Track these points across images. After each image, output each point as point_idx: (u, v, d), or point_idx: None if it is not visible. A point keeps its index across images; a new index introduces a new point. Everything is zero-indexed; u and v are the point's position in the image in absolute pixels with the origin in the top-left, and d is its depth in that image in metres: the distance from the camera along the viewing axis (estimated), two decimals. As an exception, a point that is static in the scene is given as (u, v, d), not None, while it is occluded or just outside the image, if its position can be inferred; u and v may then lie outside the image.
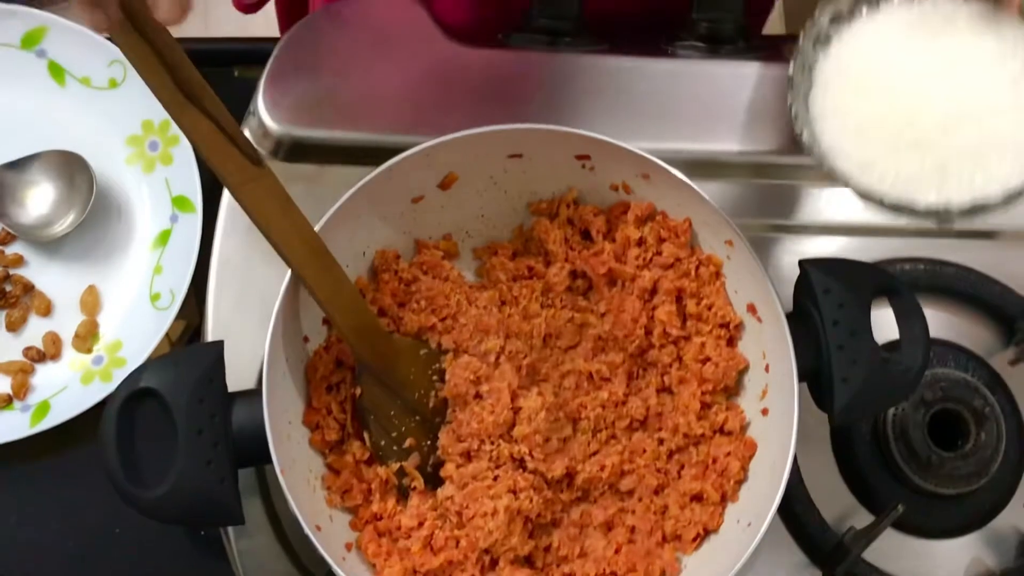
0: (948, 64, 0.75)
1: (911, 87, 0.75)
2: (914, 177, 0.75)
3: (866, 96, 0.77)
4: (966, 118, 0.73)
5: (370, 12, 0.95)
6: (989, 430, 0.91)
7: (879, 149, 0.76)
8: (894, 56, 0.77)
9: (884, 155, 0.75)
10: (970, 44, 0.75)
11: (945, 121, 0.74)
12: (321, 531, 0.76)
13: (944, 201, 0.74)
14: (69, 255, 0.96)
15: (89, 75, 0.97)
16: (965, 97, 0.74)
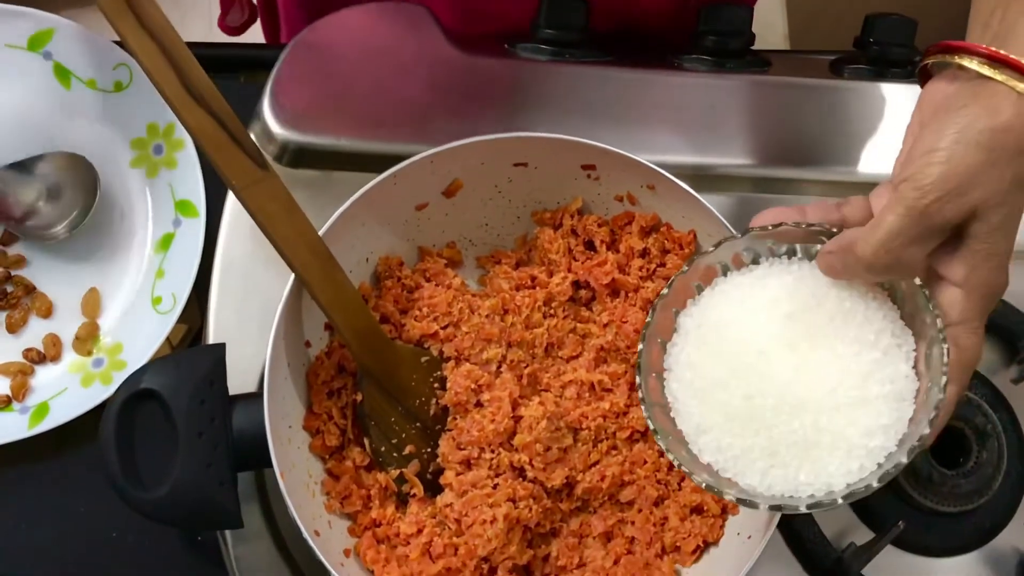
0: (804, 342, 0.67)
1: (756, 359, 0.67)
2: (743, 454, 0.68)
3: (717, 357, 0.69)
4: (803, 407, 0.65)
5: (376, 20, 0.96)
6: (991, 448, 0.90)
7: (717, 415, 0.69)
8: (752, 321, 0.69)
9: (721, 423, 0.68)
10: (833, 325, 0.67)
11: (780, 404, 0.66)
12: (320, 536, 0.76)
13: (766, 487, 0.67)
14: (71, 257, 0.95)
15: (95, 78, 0.97)
16: (809, 383, 0.66)
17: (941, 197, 0.60)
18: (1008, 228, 0.60)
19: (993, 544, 0.93)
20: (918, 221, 0.60)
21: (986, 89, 0.61)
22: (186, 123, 0.73)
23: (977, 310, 0.61)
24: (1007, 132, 0.59)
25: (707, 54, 1.00)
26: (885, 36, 1.01)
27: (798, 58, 1.21)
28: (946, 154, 0.60)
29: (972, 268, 0.60)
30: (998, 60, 0.61)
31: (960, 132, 0.60)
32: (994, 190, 0.59)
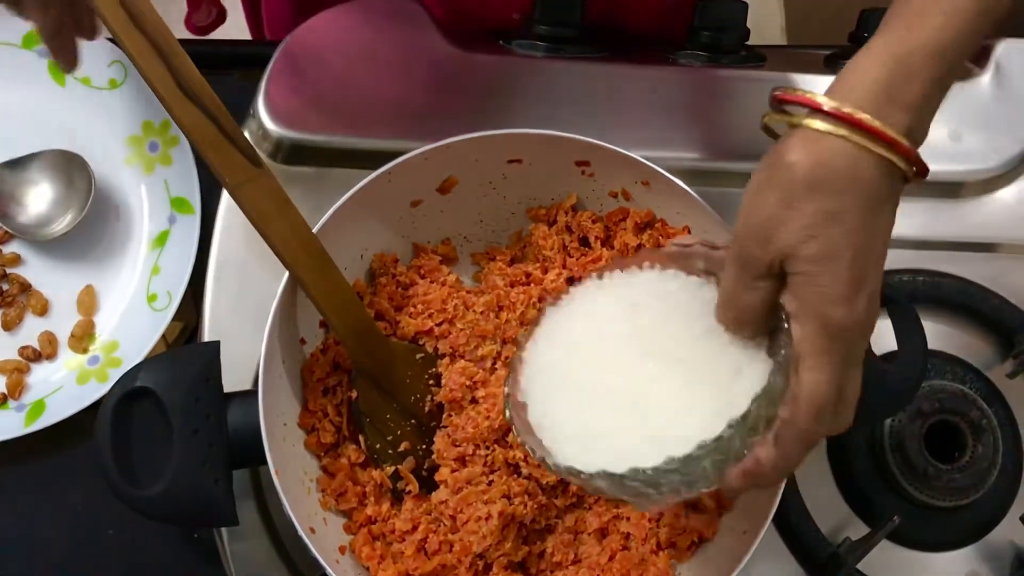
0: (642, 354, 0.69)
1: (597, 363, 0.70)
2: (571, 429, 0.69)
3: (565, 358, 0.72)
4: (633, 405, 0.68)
5: (371, 16, 0.95)
6: (986, 443, 0.91)
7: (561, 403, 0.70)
8: (596, 329, 0.72)
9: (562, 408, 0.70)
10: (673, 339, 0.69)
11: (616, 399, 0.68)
12: (315, 534, 0.76)
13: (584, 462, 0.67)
14: (67, 255, 0.95)
15: (89, 75, 0.97)
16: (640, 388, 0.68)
17: (749, 243, 0.62)
18: (828, 262, 0.59)
19: (988, 538, 0.93)
20: (740, 270, 0.63)
21: (797, 135, 0.61)
22: (179, 121, 0.72)
23: (814, 345, 0.60)
24: (792, 169, 0.60)
25: (702, 49, 1.00)
26: (880, 31, 1.01)
27: (793, 53, 1.21)
28: (748, 200, 0.62)
29: (799, 301, 0.61)
30: (784, 101, 0.63)
31: (755, 177, 0.62)
32: (797, 226, 0.59)
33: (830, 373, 0.60)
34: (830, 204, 0.59)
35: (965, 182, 1.00)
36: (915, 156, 0.60)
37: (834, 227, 0.59)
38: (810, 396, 0.61)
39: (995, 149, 1.00)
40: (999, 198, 1.00)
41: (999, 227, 1.00)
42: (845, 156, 0.59)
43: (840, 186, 0.59)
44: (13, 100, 0.97)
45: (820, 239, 0.59)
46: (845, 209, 0.59)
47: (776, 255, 0.61)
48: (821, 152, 0.59)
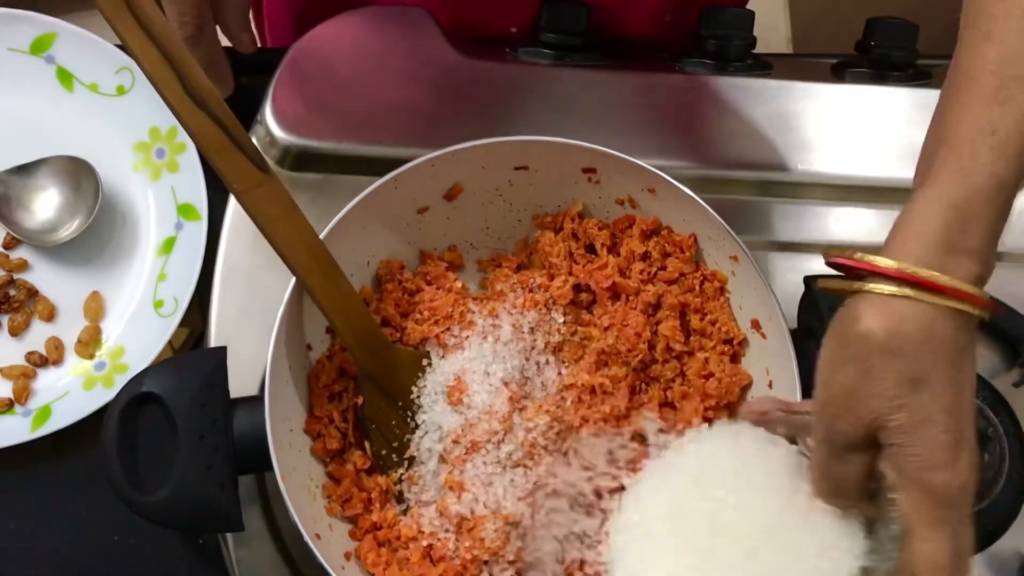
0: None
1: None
2: None
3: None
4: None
5: (377, 23, 0.96)
6: (992, 451, 0.90)
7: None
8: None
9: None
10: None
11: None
12: (320, 540, 0.76)
13: None
14: (74, 261, 0.96)
15: (97, 81, 0.97)
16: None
17: (835, 417, 0.60)
18: (921, 428, 0.58)
19: (995, 548, 0.92)
20: (828, 444, 0.62)
21: (861, 300, 0.60)
22: (187, 126, 0.73)
23: (924, 515, 0.59)
24: (866, 339, 0.58)
25: (708, 57, 1.00)
26: (886, 40, 1.01)
27: (799, 61, 1.21)
28: (825, 374, 0.61)
29: (901, 472, 0.59)
30: (842, 267, 0.61)
31: (828, 347, 0.61)
32: (882, 398, 0.58)
33: (946, 542, 0.59)
34: (912, 369, 0.58)
35: (971, 191, 1.00)
36: (986, 302, 0.59)
37: (920, 392, 0.58)
38: (929, 568, 0.59)
39: (1001, 158, 1.00)
40: (1005, 207, 1.00)
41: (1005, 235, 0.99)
42: (918, 318, 0.57)
43: (918, 349, 0.58)
44: (21, 106, 0.97)
45: (909, 407, 0.58)
46: (928, 371, 0.58)
47: (865, 428, 0.59)
48: (893, 317, 0.58)
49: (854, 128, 0.98)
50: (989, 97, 0.59)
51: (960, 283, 0.57)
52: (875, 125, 0.98)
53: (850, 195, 0.96)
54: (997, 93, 0.59)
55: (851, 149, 0.97)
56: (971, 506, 0.60)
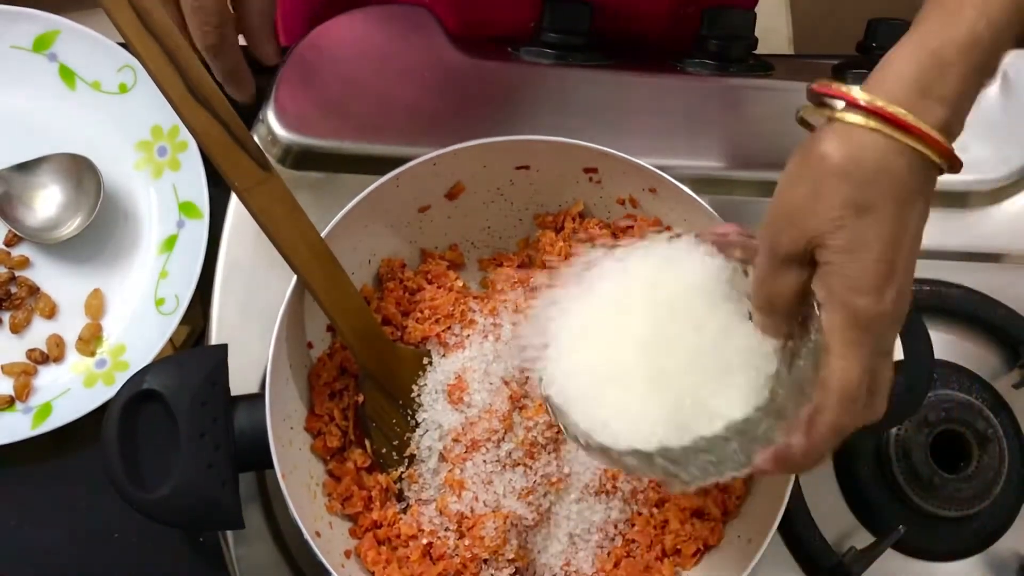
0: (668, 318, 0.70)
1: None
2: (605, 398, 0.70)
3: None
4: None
5: (380, 22, 0.96)
6: (992, 453, 0.91)
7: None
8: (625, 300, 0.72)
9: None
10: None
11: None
12: (320, 538, 0.76)
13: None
14: (75, 258, 0.96)
15: (99, 79, 0.97)
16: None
17: (779, 230, 0.62)
18: (857, 252, 0.60)
19: (994, 549, 0.93)
20: (770, 256, 0.64)
21: (830, 127, 0.62)
22: (189, 125, 0.73)
23: (843, 335, 0.61)
24: (823, 160, 0.60)
25: (710, 58, 1.00)
26: (888, 41, 1.00)
27: (800, 62, 1.21)
28: (780, 188, 0.63)
29: (827, 289, 0.61)
30: (821, 94, 0.63)
31: (788, 166, 0.63)
32: (825, 217, 0.60)
33: (859, 362, 0.61)
34: (859, 195, 0.60)
35: (972, 192, 1.00)
36: (948, 150, 0.60)
37: (863, 218, 0.60)
38: (839, 385, 0.61)
39: (1002, 159, 1.00)
40: (1006, 208, 1.00)
41: (1006, 237, 1.00)
42: (876, 148, 0.60)
43: (870, 177, 0.60)
44: (23, 103, 0.97)
45: (848, 229, 0.60)
46: (874, 200, 0.60)
47: (805, 243, 0.61)
48: (852, 144, 0.60)
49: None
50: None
51: (924, 125, 0.59)
52: (876, 126, 0.98)
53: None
54: None
55: (852, 150, 0.97)
56: (892, 343, 0.64)
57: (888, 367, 0.64)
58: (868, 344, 0.61)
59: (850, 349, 0.61)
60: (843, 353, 0.61)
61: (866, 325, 0.61)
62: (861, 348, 0.61)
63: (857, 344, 0.61)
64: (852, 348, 0.61)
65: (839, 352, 0.61)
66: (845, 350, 0.61)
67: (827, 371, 0.62)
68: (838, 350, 0.61)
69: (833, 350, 0.61)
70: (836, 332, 0.61)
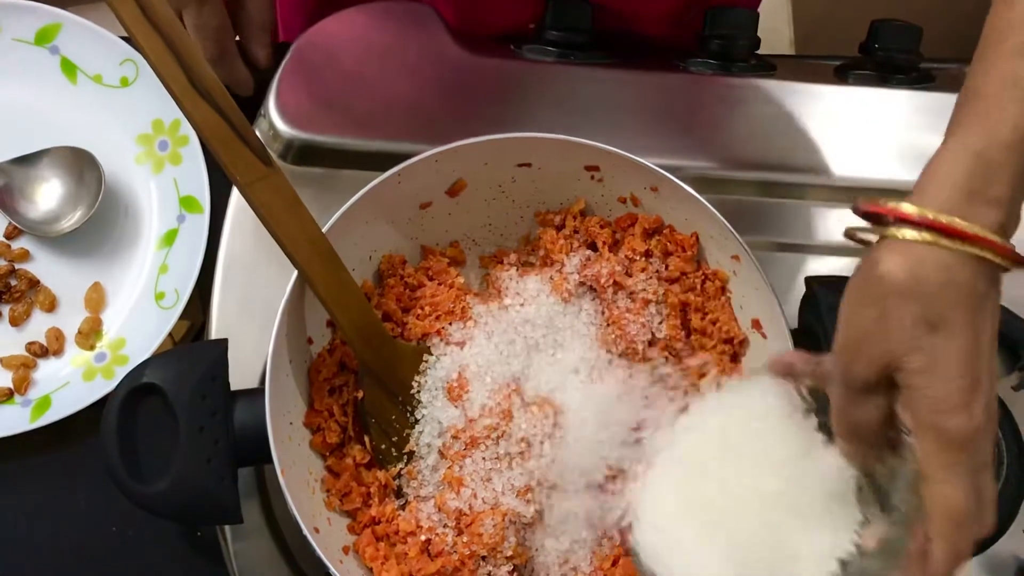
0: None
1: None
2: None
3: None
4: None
5: (382, 18, 0.96)
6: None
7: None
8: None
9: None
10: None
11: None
12: (319, 533, 0.76)
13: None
14: (75, 252, 0.96)
15: (101, 73, 0.97)
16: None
17: (851, 358, 0.61)
18: (937, 371, 0.58)
19: (992, 551, 0.92)
20: (845, 387, 0.62)
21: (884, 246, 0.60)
22: (191, 118, 0.73)
23: (937, 458, 0.59)
24: (883, 281, 0.59)
25: (712, 57, 1.00)
26: (890, 42, 1.01)
27: (803, 63, 1.21)
28: (844, 315, 0.61)
29: (915, 415, 0.59)
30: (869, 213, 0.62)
31: (849, 291, 0.61)
32: (898, 339, 0.58)
33: (962, 484, 0.59)
34: (929, 311, 0.58)
35: (973, 194, 1.00)
36: (1009, 251, 0.59)
37: (937, 334, 0.58)
38: (945, 512, 0.59)
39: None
40: (1007, 211, 1.00)
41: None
42: (937, 261, 0.58)
43: (936, 291, 0.58)
44: (25, 96, 0.97)
45: (924, 350, 0.58)
46: (945, 314, 0.58)
47: (881, 368, 0.60)
48: (912, 260, 0.58)
49: (857, 130, 0.98)
50: (1014, 52, 0.60)
51: (980, 229, 0.58)
52: (878, 127, 0.98)
53: (853, 196, 0.95)
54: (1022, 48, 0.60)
55: (854, 151, 0.97)
56: (989, 452, 0.60)
57: (989, 478, 0.61)
58: (966, 463, 0.59)
59: (950, 473, 0.59)
60: (944, 478, 0.59)
61: (961, 445, 0.58)
62: (960, 468, 0.59)
63: (956, 465, 0.59)
64: (952, 471, 0.59)
65: (940, 478, 0.59)
66: (945, 474, 0.59)
67: (931, 500, 0.59)
68: (939, 476, 0.59)
69: (933, 476, 0.59)
70: (932, 457, 0.59)
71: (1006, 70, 0.60)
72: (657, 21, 1.09)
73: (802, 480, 0.66)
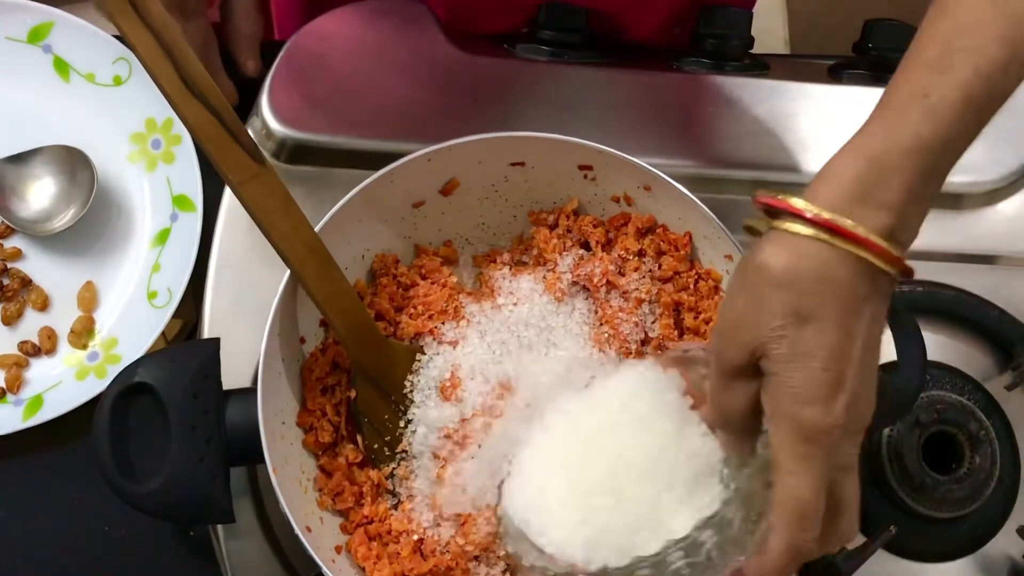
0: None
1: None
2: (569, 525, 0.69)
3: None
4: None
5: (375, 17, 0.96)
6: (984, 454, 0.91)
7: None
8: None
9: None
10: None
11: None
12: (311, 533, 0.76)
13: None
14: (68, 250, 0.95)
15: (94, 71, 0.97)
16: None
17: (724, 343, 0.62)
18: (800, 362, 0.59)
19: (985, 550, 0.93)
20: (717, 368, 0.63)
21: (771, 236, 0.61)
22: (184, 117, 0.72)
23: (789, 448, 0.59)
24: (762, 270, 0.59)
25: (706, 56, 1.00)
26: (884, 42, 1.01)
27: (797, 62, 1.21)
28: (723, 301, 0.63)
29: (773, 401, 0.60)
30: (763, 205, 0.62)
31: (731, 279, 0.63)
32: (767, 326, 0.59)
33: (811, 478, 0.59)
34: (800, 304, 0.58)
35: (966, 194, 1.00)
36: (892, 256, 0.59)
37: (805, 327, 0.59)
38: (788, 502, 0.60)
39: (996, 161, 1.00)
40: (1000, 210, 1.00)
41: (999, 239, 1.00)
42: (816, 257, 0.58)
43: (810, 287, 0.59)
44: (17, 95, 0.97)
45: (790, 338, 0.59)
46: (816, 309, 0.58)
47: (749, 353, 0.60)
48: (792, 253, 0.59)
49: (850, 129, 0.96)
50: (929, 65, 0.61)
51: (864, 231, 0.58)
52: (871, 127, 0.98)
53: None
54: (939, 62, 0.60)
55: (847, 150, 0.97)
56: (852, 456, 0.61)
57: (852, 483, 0.62)
58: (820, 458, 0.59)
59: (800, 464, 0.59)
60: (792, 469, 0.59)
61: (815, 438, 0.59)
62: (812, 462, 0.59)
63: (807, 458, 0.59)
64: (801, 463, 0.59)
65: (788, 468, 0.59)
66: (794, 465, 0.59)
67: (777, 489, 0.60)
68: (787, 466, 0.59)
69: (782, 466, 0.60)
70: (784, 447, 0.59)
71: (916, 81, 0.61)
72: (651, 20, 1.09)
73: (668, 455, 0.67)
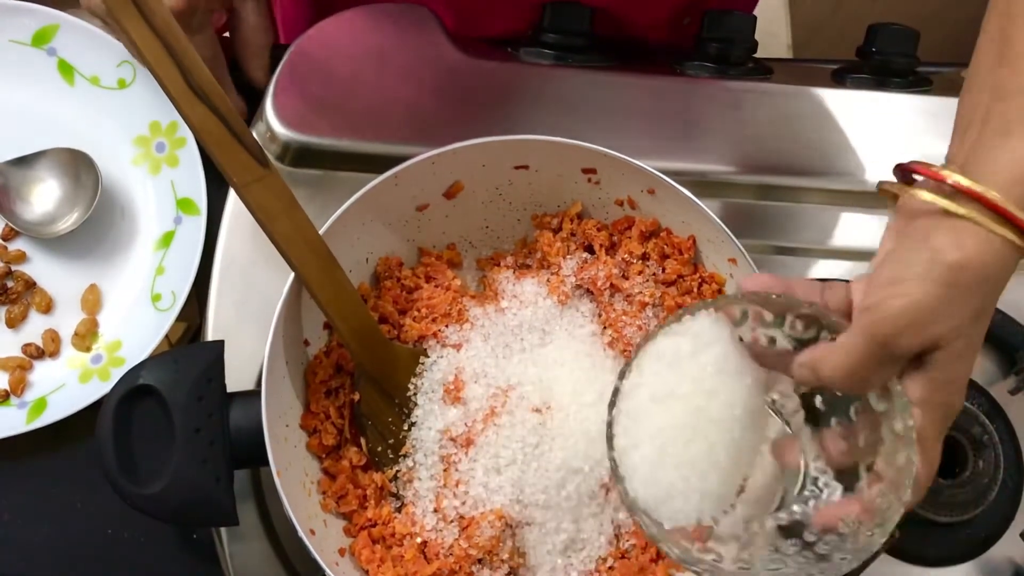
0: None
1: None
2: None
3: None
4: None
5: (380, 21, 0.96)
6: (987, 459, 0.90)
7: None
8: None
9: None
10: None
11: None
12: (315, 535, 0.76)
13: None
14: (72, 253, 0.96)
15: (98, 74, 0.97)
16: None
17: (901, 331, 0.60)
18: (966, 356, 0.61)
19: (988, 555, 0.93)
20: (878, 350, 0.61)
21: (949, 221, 0.60)
22: (188, 119, 0.72)
23: (934, 429, 0.62)
24: (964, 269, 0.59)
25: (710, 61, 1.00)
26: (887, 46, 1.02)
27: (800, 66, 1.21)
28: (907, 288, 0.60)
29: (932, 391, 0.61)
30: (961, 192, 0.60)
31: (922, 267, 0.60)
32: (954, 324, 0.60)
33: (938, 453, 0.63)
34: (984, 305, 0.60)
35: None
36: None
37: (978, 324, 0.61)
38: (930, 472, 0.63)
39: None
40: (1003, 215, 1.00)
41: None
42: (1006, 258, 0.59)
43: (992, 288, 0.60)
44: (22, 98, 0.97)
45: (966, 337, 0.60)
46: (988, 307, 0.60)
47: (925, 345, 0.61)
48: (980, 248, 0.59)
49: (854, 133, 0.98)
50: None
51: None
52: (875, 130, 0.98)
53: (849, 200, 0.96)
54: None
55: (850, 154, 0.97)
56: None
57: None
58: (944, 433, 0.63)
59: (939, 441, 0.62)
60: (935, 445, 0.62)
61: (953, 418, 0.62)
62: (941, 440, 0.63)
63: (943, 434, 0.63)
64: (940, 440, 0.63)
65: (933, 444, 0.62)
66: (937, 442, 0.62)
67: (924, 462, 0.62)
68: (933, 443, 0.62)
69: (929, 443, 0.62)
70: (932, 427, 0.62)
71: None
72: (655, 26, 1.09)
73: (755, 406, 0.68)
